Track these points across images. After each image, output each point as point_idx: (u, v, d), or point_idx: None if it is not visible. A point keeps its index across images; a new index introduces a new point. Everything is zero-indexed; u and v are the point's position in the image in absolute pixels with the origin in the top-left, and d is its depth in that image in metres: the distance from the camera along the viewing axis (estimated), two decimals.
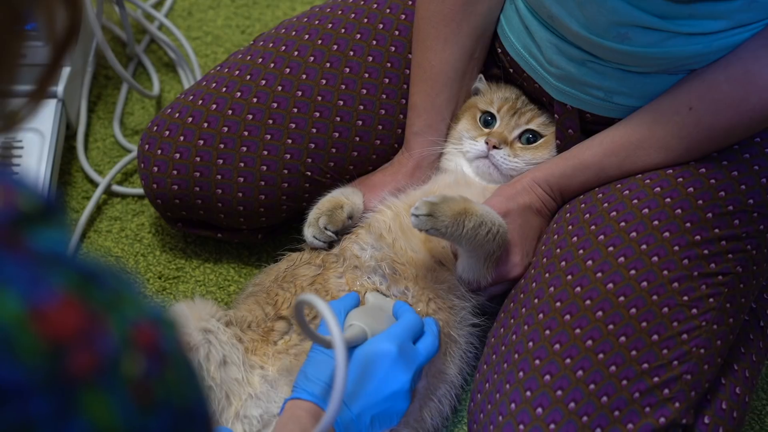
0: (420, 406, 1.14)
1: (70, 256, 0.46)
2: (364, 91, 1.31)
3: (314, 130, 1.30)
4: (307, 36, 1.32)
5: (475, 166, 1.26)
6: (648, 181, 1.15)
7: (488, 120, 1.28)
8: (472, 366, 1.22)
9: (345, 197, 1.25)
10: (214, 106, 1.30)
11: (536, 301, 1.11)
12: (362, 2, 1.35)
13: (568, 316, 1.07)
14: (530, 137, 1.26)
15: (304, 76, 1.30)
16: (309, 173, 1.31)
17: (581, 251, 1.12)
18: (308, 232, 1.24)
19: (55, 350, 0.42)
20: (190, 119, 1.30)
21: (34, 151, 1.42)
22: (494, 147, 1.24)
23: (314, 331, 1.00)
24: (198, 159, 1.29)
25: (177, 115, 1.31)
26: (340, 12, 1.34)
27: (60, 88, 1.46)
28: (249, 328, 1.17)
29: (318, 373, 1.04)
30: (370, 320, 1.09)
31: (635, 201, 1.13)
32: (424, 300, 1.17)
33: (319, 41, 1.32)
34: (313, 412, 1.01)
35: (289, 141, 1.29)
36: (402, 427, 1.12)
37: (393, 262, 1.19)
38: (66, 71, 1.48)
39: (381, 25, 1.33)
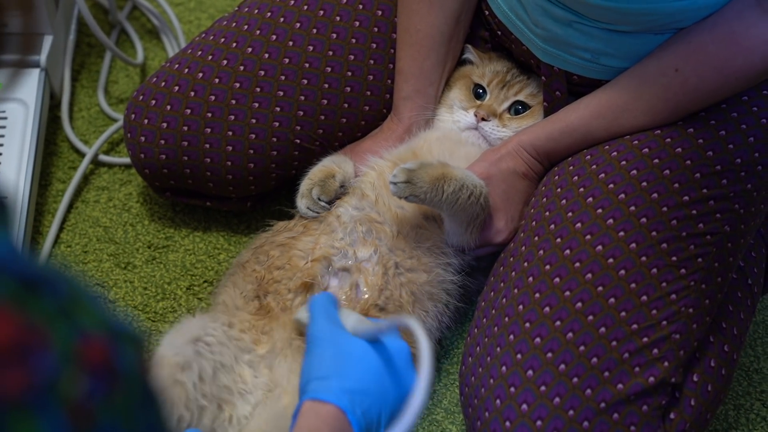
0: None
1: (12, 260, 0.41)
2: (352, 57, 1.30)
3: (302, 98, 1.29)
4: (292, 2, 1.31)
5: (465, 135, 1.26)
6: (636, 142, 1.15)
7: (479, 92, 1.28)
8: (453, 321, 1.22)
9: (336, 165, 1.25)
10: (201, 74, 1.29)
11: (526, 264, 1.11)
12: None
13: (557, 279, 1.08)
14: (519, 108, 1.27)
15: (290, 43, 1.29)
16: (298, 141, 1.30)
17: (570, 214, 1.12)
18: (302, 203, 1.23)
19: None
20: (177, 88, 1.29)
21: (19, 122, 1.41)
22: (483, 119, 1.25)
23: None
24: (185, 128, 1.28)
25: (163, 84, 1.30)
26: None
27: (42, 57, 1.45)
28: (237, 309, 1.16)
29: (330, 371, 0.92)
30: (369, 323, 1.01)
31: (623, 162, 1.13)
32: (391, 266, 1.17)
33: (305, 7, 1.31)
34: (330, 421, 0.89)
35: (278, 109, 1.29)
36: None
37: (371, 222, 1.19)
38: (48, 40, 1.47)
39: None
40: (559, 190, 1.16)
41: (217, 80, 1.28)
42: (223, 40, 1.31)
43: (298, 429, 0.89)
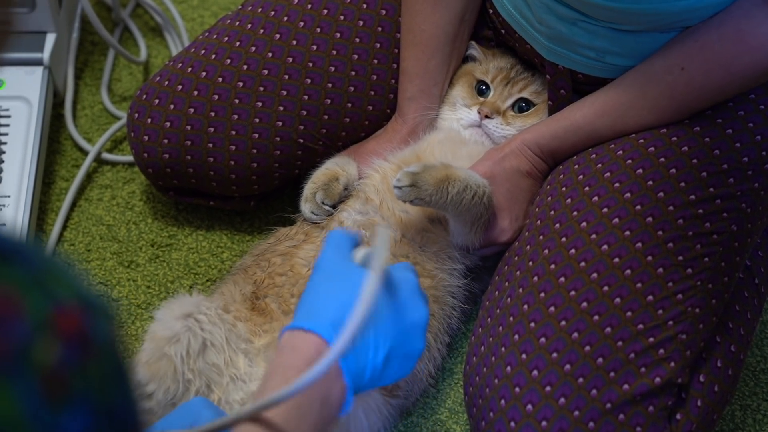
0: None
1: None
2: (355, 56, 1.30)
3: (306, 97, 1.29)
4: (296, 1, 1.31)
5: (468, 133, 1.26)
6: (642, 140, 1.14)
7: (482, 89, 1.27)
8: (454, 329, 1.22)
9: (340, 168, 1.24)
10: (204, 73, 1.28)
11: (530, 263, 1.11)
12: None
13: (562, 279, 1.07)
14: (523, 105, 1.26)
15: (294, 42, 1.29)
16: (301, 140, 1.30)
17: (575, 213, 1.12)
18: (306, 207, 1.23)
19: None
20: (180, 87, 1.29)
21: (22, 120, 1.40)
22: (486, 116, 1.24)
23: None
24: (189, 127, 1.28)
25: (166, 83, 1.29)
26: None
27: (46, 55, 1.45)
28: (234, 301, 1.16)
29: (322, 302, 0.85)
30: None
31: (629, 161, 1.13)
32: None
33: (309, 6, 1.30)
34: (314, 347, 0.81)
35: (281, 108, 1.28)
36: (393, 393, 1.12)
37: (375, 226, 1.18)
38: (51, 38, 1.46)
39: None
40: (564, 188, 1.15)
41: (220, 79, 1.28)
42: (226, 38, 1.30)
43: (279, 351, 0.82)
